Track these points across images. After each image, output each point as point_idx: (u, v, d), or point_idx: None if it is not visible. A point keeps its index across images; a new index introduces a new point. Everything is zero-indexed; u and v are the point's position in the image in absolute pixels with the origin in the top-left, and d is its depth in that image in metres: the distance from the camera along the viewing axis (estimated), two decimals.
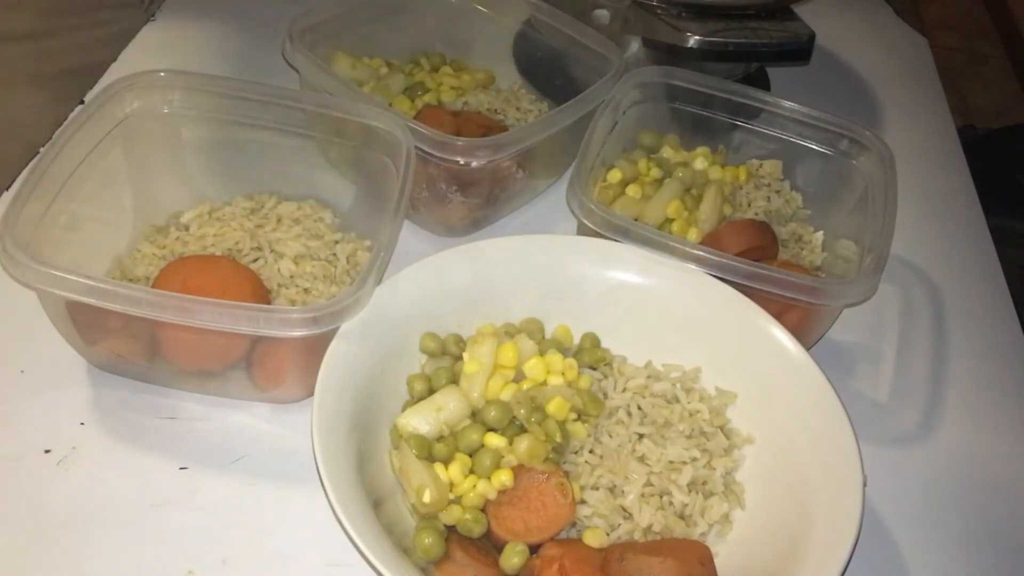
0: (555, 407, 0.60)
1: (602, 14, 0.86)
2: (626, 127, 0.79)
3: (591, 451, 0.61)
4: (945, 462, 0.70)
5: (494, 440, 0.59)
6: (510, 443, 0.59)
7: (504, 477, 0.58)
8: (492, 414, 0.60)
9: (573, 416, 0.62)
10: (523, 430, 0.60)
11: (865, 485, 0.56)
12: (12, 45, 0.91)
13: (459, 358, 0.63)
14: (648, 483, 0.60)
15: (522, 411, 0.60)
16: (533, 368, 0.62)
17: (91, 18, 0.94)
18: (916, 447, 0.71)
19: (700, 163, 0.80)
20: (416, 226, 0.79)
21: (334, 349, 0.58)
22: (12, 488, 0.59)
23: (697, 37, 0.80)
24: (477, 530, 0.57)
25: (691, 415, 0.64)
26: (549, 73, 0.88)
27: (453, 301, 0.65)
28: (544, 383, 0.62)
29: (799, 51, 0.84)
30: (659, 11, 0.82)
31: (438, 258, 0.65)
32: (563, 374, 0.63)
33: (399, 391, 0.63)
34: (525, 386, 0.62)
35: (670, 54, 0.82)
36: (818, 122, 0.79)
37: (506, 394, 0.61)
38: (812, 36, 0.83)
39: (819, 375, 0.61)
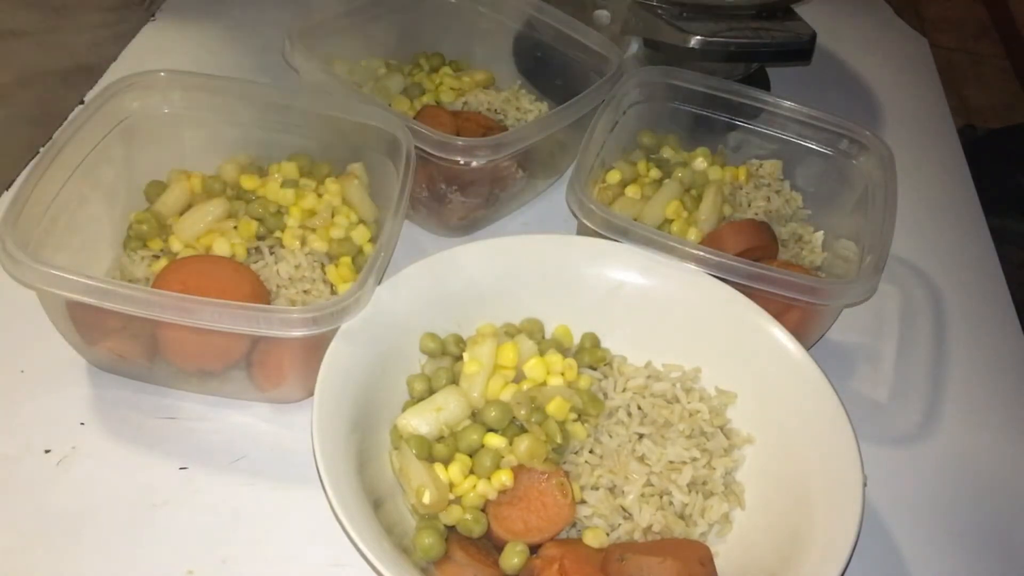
0: (555, 407, 0.60)
1: (602, 14, 0.86)
2: (626, 127, 0.79)
3: (591, 451, 0.61)
4: (945, 462, 0.70)
5: (494, 440, 0.59)
6: (510, 443, 0.59)
7: (504, 477, 0.58)
8: (492, 414, 0.60)
9: (573, 416, 0.62)
10: (523, 430, 0.60)
11: (865, 485, 0.56)
12: (19, 41, 0.91)
13: (459, 358, 0.63)
14: (648, 483, 0.60)
15: (522, 411, 0.60)
16: (533, 368, 0.62)
17: (95, 17, 0.94)
18: (916, 447, 0.71)
19: (700, 163, 0.80)
20: (416, 226, 0.79)
21: (334, 349, 0.58)
22: (12, 488, 0.59)
23: (698, 37, 0.80)
24: (477, 530, 0.57)
25: (691, 415, 0.64)
26: (549, 73, 0.88)
27: (453, 301, 0.65)
28: (544, 383, 0.62)
29: (800, 51, 0.84)
30: (660, 11, 0.82)
31: (438, 258, 0.65)
32: (563, 374, 0.63)
33: (399, 391, 0.63)
34: (525, 386, 0.62)
35: (671, 54, 0.82)
36: (818, 122, 0.79)
37: (506, 394, 0.61)
38: (813, 36, 0.83)
39: (819, 375, 0.61)
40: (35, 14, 0.91)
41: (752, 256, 0.71)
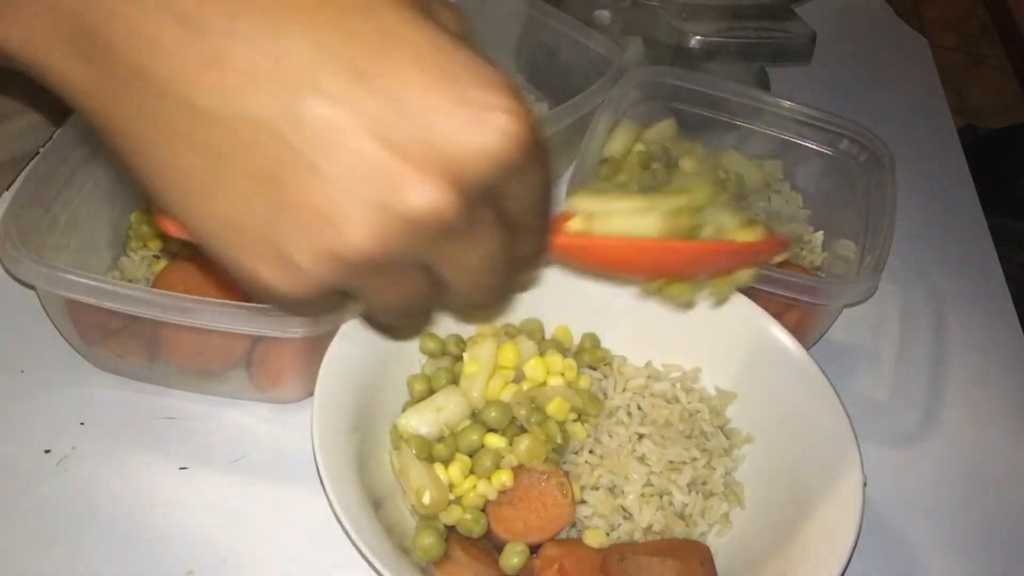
0: (555, 407, 0.60)
1: (603, 14, 0.86)
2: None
3: (591, 451, 0.61)
4: (945, 462, 0.70)
5: (494, 440, 0.59)
6: (510, 443, 0.59)
7: (504, 477, 0.58)
8: (492, 415, 0.60)
9: (573, 416, 0.62)
10: (523, 430, 0.60)
11: (865, 485, 0.56)
12: None
13: (459, 358, 0.63)
14: (648, 483, 0.60)
15: (522, 412, 0.60)
16: (533, 368, 0.62)
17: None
18: (916, 447, 0.71)
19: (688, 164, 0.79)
20: None
21: (334, 349, 0.58)
22: (12, 488, 0.59)
23: (698, 37, 0.80)
24: (477, 530, 0.57)
25: (691, 415, 0.64)
26: (549, 73, 0.88)
27: None
28: (544, 383, 0.62)
29: (800, 51, 0.84)
30: (660, 11, 0.83)
31: None
32: (563, 374, 0.63)
33: (399, 391, 0.63)
34: (525, 386, 0.62)
35: (671, 54, 0.82)
36: (818, 122, 0.79)
37: (506, 395, 0.61)
38: (813, 36, 0.83)
39: (819, 375, 0.61)
40: None
41: None
